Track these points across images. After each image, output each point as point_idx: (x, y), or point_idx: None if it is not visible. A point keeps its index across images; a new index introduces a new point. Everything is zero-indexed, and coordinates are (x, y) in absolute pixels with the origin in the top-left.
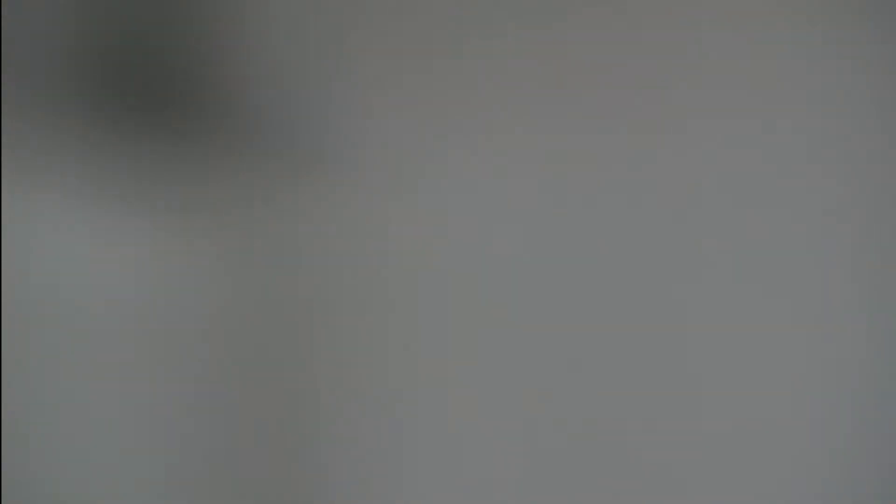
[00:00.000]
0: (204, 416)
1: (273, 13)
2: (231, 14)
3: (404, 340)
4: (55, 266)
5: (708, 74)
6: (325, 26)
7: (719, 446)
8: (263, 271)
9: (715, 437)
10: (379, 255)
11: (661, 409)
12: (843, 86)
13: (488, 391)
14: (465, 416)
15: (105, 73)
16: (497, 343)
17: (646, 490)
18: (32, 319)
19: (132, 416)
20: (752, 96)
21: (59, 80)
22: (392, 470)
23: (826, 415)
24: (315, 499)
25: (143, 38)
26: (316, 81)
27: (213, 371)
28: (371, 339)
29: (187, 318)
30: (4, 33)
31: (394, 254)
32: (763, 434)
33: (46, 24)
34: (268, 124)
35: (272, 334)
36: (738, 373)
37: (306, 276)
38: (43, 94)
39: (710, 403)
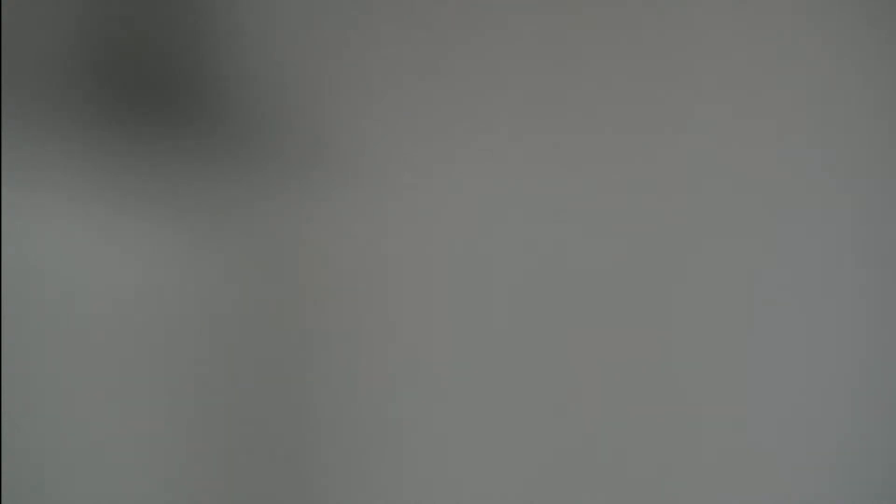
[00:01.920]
0: (204, 417)
1: (272, 14)
2: (231, 14)
3: (403, 340)
4: (55, 266)
5: (707, 74)
6: (324, 27)
7: (717, 446)
8: (263, 271)
9: (713, 437)
10: (378, 255)
11: (660, 410)
12: (844, 85)
13: (488, 391)
14: (465, 415)
15: (105, 73)
16: (496, 343)
17: (644, 490)
18: (32, 319)
19: (132, 416)
20: (751, 96)
21: (59, 79)
22: (391, 469)
23: (826, 415)
24: (315, 498)
25: (144, 39)
26: (315, 82)
27: (213, 371)
28: (370, 338)
29: (187, 318)
30: (6, 34)
31: (393, 254)
32: (763, 434)
33: (46, 24)
34: (267, 125)
35: (272, 334)
36: (737, 372)
37: (306, 276)
38: (43, 94)
39: (709, 403)
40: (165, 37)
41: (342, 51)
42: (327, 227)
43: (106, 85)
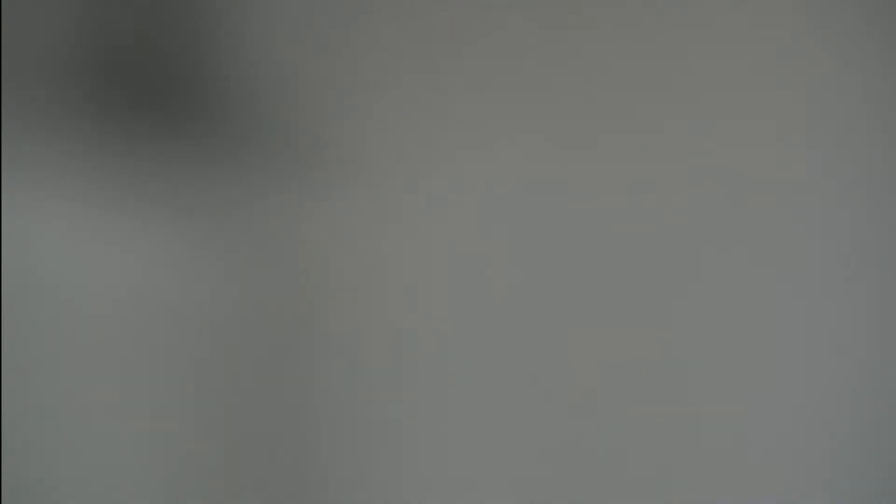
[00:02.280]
0: (204, 417)
1: (273, 14)
2: (231, 14)
3: (403, 339)
4: (56, 266)
5: (708, 74)
6: (325, 27)
7: (717, 446)
8: (263, 271)
9: (713, 437)
10: (379, 254)
11: (660, 410)
12: (845, 84)
13: (488, 390)
14: (466, 414)
15: (105, 74)
16: (497, 342)
17: (644, 491)
18: (32, 319)
19: (132, 417)
20: (751, 96)
21: (60, 79)
22: (390, 469)
23: (826, 415)
24: (314, 497)
25: (144, 39)
26: (316, 81)
27: (214, 371)
28: (371, 337)
29: (187, 318)
30: (6, 34)
31: (393, 253)
32: (763, 434)
33: (49, 25)
34: (267, 125)
35: (273, 333)
36: (737, 372)
37: (306, 275)
38: (45, 95)
39: (709, 403)
40: (165, 37)
41: (342, 50)
42: (327, 227)
43: (106, 85)
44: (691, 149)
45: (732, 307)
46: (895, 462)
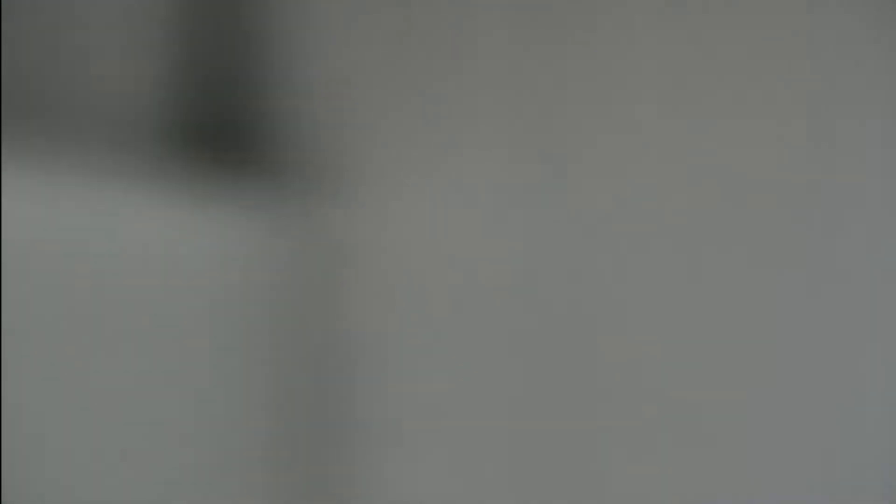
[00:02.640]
0: (208, 417)
1: (275, 17)
2: (231, 14)
3: (403, 339)
4: (57, 266)
5: (708, 74)
6: (325, 27)
7: (717, 445)
8: (264, 271)
9: (713, 436)
10: (378, 254)
11: (661, 409)
12: (845, 84)
13: (488, 390)
14: (465, 414)
15: (136, 91)
16: (496, 342)
17: (644, 491)
18: (33, 318)
19: (133, 417)
20: (751, 96)
21: (77, 84)
22: (391, 469)
23: (825, 414)
24: (315, 498)
25: (148, 47)
26: (316, 82)
27: (214, 371)
28: (371, 337)
29: (188, 318)
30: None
31: (393, 253)
32: (762, 433)
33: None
34: (268, 125)
35: (273, 333)
36: (736, 373)
37: (307, 275)
38: (53, 95)
39: (709, 403)
40: (180, 52)
41: (342, 50)
42: (326, 228)
43: (136, 101)
44: (691, 149)
45: (732, 307)
46: (895, 462)
